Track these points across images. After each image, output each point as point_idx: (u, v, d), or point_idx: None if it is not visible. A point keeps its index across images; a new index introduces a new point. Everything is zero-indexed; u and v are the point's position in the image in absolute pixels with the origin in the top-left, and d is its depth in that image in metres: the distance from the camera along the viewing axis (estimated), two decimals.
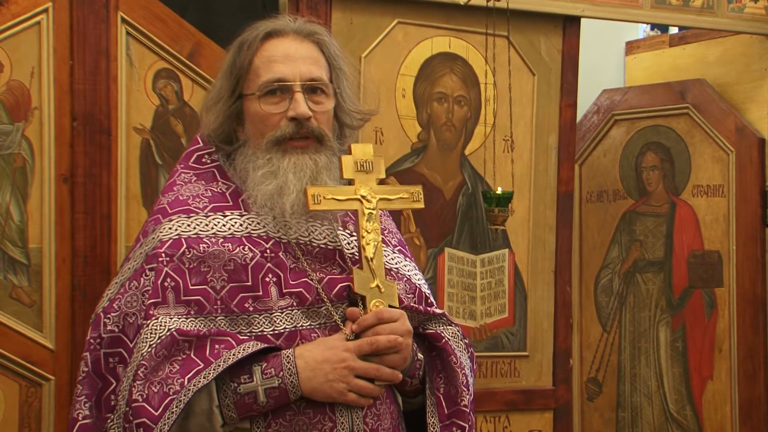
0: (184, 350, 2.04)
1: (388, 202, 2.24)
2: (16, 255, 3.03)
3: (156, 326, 2.04)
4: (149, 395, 1.99)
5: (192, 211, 2.18)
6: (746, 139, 4.23)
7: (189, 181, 2.25)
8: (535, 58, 3.74)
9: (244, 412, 2.05)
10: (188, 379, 1.99)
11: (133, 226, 3.15)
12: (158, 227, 2.17)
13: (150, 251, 2.14)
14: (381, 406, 2.17)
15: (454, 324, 2.35)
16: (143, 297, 2.10)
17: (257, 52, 2.21)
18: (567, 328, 3.89)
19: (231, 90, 2.22)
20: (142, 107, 3.18)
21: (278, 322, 2.12)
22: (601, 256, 4.52)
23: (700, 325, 4.31)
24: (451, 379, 2.26)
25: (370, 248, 2.16)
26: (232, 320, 2.10)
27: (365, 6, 3.42)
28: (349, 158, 2.21)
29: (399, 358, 2.13)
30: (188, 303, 2.09)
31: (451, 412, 2.25)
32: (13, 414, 3.02)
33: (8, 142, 3.03)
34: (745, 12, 4.10)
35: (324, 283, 2.17)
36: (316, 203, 2.13)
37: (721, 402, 4.26)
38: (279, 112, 2.17)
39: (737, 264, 4.23)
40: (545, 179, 3.79)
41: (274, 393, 2.04)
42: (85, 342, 2.15)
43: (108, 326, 2.12)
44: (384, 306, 2.14)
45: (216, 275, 2.11)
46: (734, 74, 4.34)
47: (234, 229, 2.16)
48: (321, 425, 2.08)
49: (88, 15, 3.09)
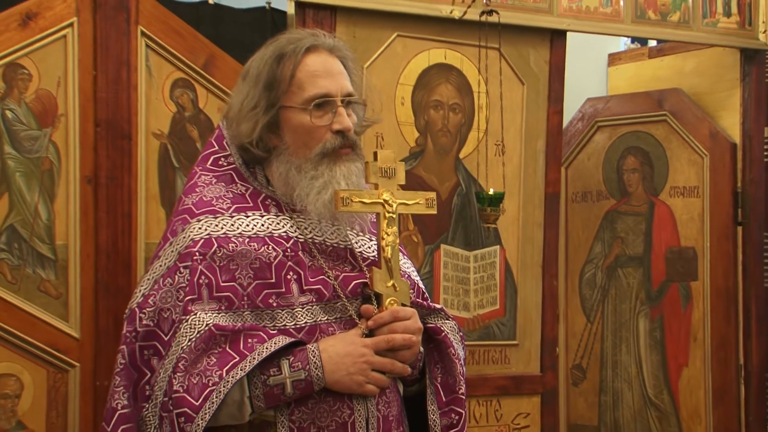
0: (220, 344, 2.03)
1: (407, 206, 2.24)
2: (44, 251, 3.02)
3: (195, 321, 2.03)
4: (189, 386, 1.98)
5: (217, 212, 2.16)
6: (719, 144, 4.21)
7: (210, 182, 2.23)
8: (524, 68, 3.72)
9: (271, 402, 2.04)
10: (226, 371, 1.99)
11: (152, 225, 3.15)
12: (187, 227, 2.14)
13: (183, 250, 2.11)
14: (390, 395, 2.18)
15: (451, 318, 2.34)
16: (179, 293, 2.08)
17: (299, 66, 2.16)
18: (553, 318, 3.88)
19: (270, 100, 2.17)
20: (160, 114, 3.17)
21: (299, 317, 2.11)
22: (585, 252, 4.51)
23: (677, 316, 4.30)
24: (449, 370, 2.26)
25: (389, 249, 2.16)
26: (258, 315, 2.09)
27: (367, 20, 3.40)
28: (375, 164, 2.19)
29: (410, 354, 2.15)
30: (219, 299, 2.07)
31: (449, 399, 2.25)
32: (42, 398, 3.01)
33: (37, 146, 3.02)
34: (718, 26, 4.09)
35: (339, 280, 2.17)
36: (345, 205, 2.12)
37: (696, 387, 4.25)
38: (324, 125, 2.15)
39: (711, 259, 4.22)
40: (534, 181, 3.78)
41: (301, 385, 2.04)
42: (120, 336, 2.13)
43: (143, 321, 2.10)
44: (398, 304, 2.15)
45: (243, 273, 2.10)
46: (708, 84, 4.33)
47: (257, 229, 2.15)
48: (340, 412, 2.09)
49: (110, 29, 3.08)
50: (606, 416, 4.45)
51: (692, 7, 4.01)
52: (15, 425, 2.98)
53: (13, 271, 2.98)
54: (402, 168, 2.24)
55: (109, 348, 3.06)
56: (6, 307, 2.96)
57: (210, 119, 3.24)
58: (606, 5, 3.82)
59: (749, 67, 4.21)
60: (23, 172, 3.00)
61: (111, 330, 3.07)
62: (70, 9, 3.04)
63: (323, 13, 3.33)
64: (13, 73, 2.99)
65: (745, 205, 4.19)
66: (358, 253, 2.23)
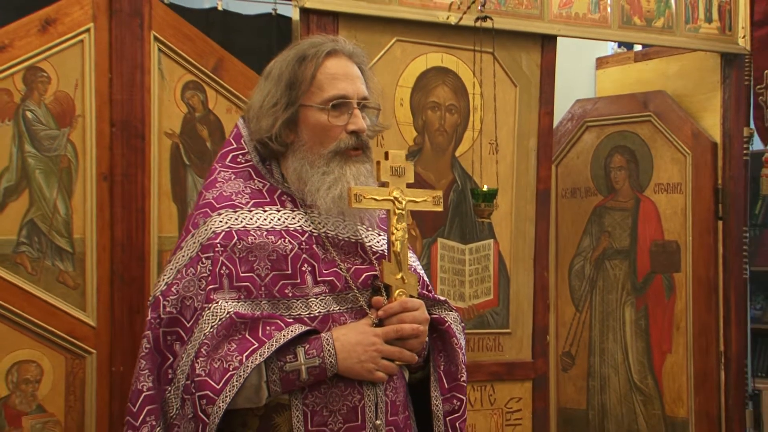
0: (240, 331, 2.03)
1: (415, 203, 2.24)
2: (63, 244, 3.02)
3: (217, 309, 2.03)
4: (211, 371, 1.99)
5: (237, 206, 2.16)
6: (701, 143, 4.22)
7: (229, 178, 2.23)
8: (517, 71, 3.72)
9: (287, 387, 2.05)
10: (246, 357, 1.99)
11: (165, 219, 3.15)
12: (209, 220, 2.14)
13: (205, 241, 2.11)
14: (397, 381, 2.19)
15: (454, 309, 2.35)
16: (201, 282, 2.08)
17: (320, 68, 2.17)
18: (544, 308, 3.89)
19: (291, 98, 2.18)
20: (172, 114, 3.17)
21: (313, 307, 2.11)
22: (574, 245, 4.51)
23: (661, 305, 4.30)
24: (452, 358, 2.27)
25: (398, 244, 2.17)
26: (274, 304, 2.09)
27: (368, 26, 3.40)
28: (386, 163, 2.19)
29: (418, 343, 2.15)
30: (239, 288, 2.08)
31: (451, 386, 2.26)
32: (60, 383, 3.02)
33: (55, 145, 3.02)
34: (700, 32, 4.09)
35: (351, 272, 2.17)
36: (357, 202, 2.12)
37: (678, 373, 4.25)
38: (340, 124, 2.16)
39: (693, 252, 4.22)
40: (526, 178, 3.78)
41: (315, 371, 2.04)
42: (145, 322, 2.14)
43: (167, 308, 2.10)
44: (406, 295, 2.15)
45: (261, 264, 2.10)
46: (691, 86, 4.34)
47: (274, 223, 2.15)
48: (351, 397, 2.10)
49: (125, 34, 3.08)
50: (594, 400, 4.46)
51: (675, 14, 4.02)
52: (35, 408, 2.98)
53: (33, 263, 2.99)
54: (411, 167, 2.24)
55: (123, 336, 3.07)
56: (26, 297, 2.96)
57: (219, 119, 3.24)
58: (594, 12, 3.82)
59: (729, 70, 4.22)
60: (43, 170, 3.00)
61: (126, 319, 3.08)
62: (87, 15, 3.04)
63: (326, 19, 3.33)
64: (33, 76, 2.99)
65: (725, 200, 4.20)
66: (369, 247, 2.23)
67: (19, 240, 2.97)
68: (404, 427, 2.19)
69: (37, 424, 2.99)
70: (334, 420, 2.08)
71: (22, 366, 2.97)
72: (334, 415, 2.08)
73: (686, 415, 4.23)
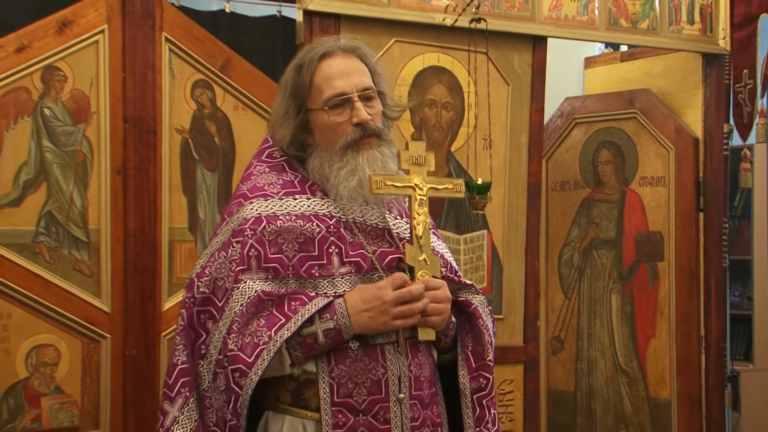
0: (267, 307, 2.06)
1: (436, 190, 2.25)
2: (79, 234, 3.03)
3: (245, 288, 2.06)
4: (242, 345, 2.01)
5: (268, 196, 2.18)
6: (683, 138, 4.21)
7: (263, 172, 2.25)
8: (509, 71, 3.72)
9: (307, 351, 2.06)
10: (274, 332, 2.02)
11: (175, 211, 3.15)
12: (241, 208, 2.17)
13: (236, 227, 2.14)
14: (422, 358, 2.18)
15: (481, 293, 2.34)
16: (231, 265, 2.10)
17: (315, 72, 2.18)
18: (535, 295, 3.89)
19: (297, 106, 2.20)
20: (182, 112, 3.17)
21: (339, 286, 2.12)
22: (563, 235, 4.51)
23: (645, 292, 4.30)
24: (478, 339, 2.26)
25: (420, 228, 2.18)
26: (301, 284, 2.11)
27: (368, 27, 3.39)
28: (407, 153, 2.20)
29: (439, 320, 2.15)
30: (267, 269, 2.09)
31: (478, 365, 2.25)
32: (77, 365, 3.03)
33: (71, 140, 3.02)
34: (683, 33, 4.09)
35: (377, 254, 2.17)
36: (378, 188, 2.13)
37: (662, 356, 4.26)
38: (344, 120, 2.16)
39: (676, 242, 4.22)
40: (518, 172, 3.77)
41: (331, 333, 2.05)
42: (181, 302, 2.17)
43: (200, 288, 2.12)
44: (429, 276, 2.15)
45: (289, 246, 2.12)
46: (674, 85, 4.33)
47: (303, 209, 2.17)
48: (375, 371, 2.10)
49: (137, 35, 3.08)
50: (582, 382, 4.46)
51: (660, 16, 4.01)
52: (53, 390, 2.99)
53: (51, 252, 2.99)
54: (432, 157, 2.25)
55: (136, 321, 3.07)
56: (45, 284, 2.97)
57: (227, 116, 3.24)
58: (582, 14, 3.82)
59: (710, 69, 4.21)
60: (59, 164, 3.00)
61: (138, 305, 3.08)
62: (102, 17, 3.04)
63: (328, 21, 3.32)
64: (51, 75, 2.99)
65: (706, 193, 4.19)
66: (396, 233, 2.24)
67: (37, 230, 2.97)
68: (430, 403, 2.19)
69: (55, 405, 2.99)
70: (358, 392, 2.09)
71: (40, 350, 2.98)
72: (359, 387, 2.09)
73: (669, 396, 4.23)
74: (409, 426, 2.12)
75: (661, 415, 4.26)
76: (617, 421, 4.36)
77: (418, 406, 2.14)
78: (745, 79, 4.16)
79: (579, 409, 4.45)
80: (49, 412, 2.99)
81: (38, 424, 2.97)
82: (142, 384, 3.08)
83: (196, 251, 3.19)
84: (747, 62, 4.16)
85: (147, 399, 3.08)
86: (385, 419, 2.09)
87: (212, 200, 3.23)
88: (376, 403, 2.09)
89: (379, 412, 2.09)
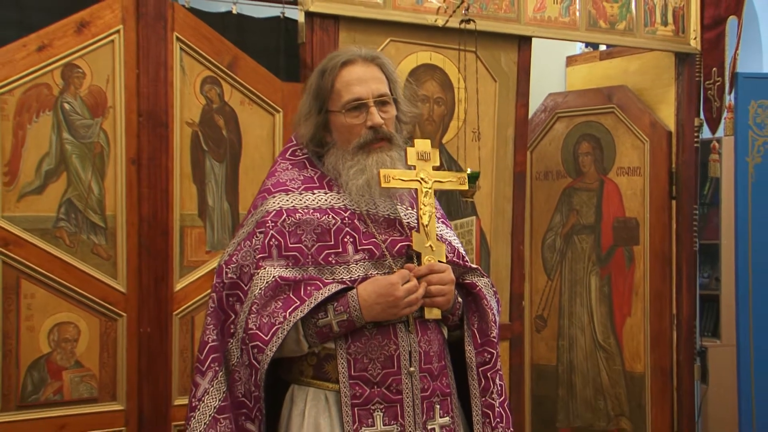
0: (284, 291, 2.10)
1: (441, 183, 2.30)
2: (96, 220, 3.02)
3: (264, 274, 2.11)
4: (261, 325, 2.07)
5: (289, 190, 2.22)
6: (658, 131, 4.22)
7: (286, 168, 2.28)
8: (496, 68, 3.72)
9: (323, 339, 2.12)
10: (289, 313, 2.07)
11: (186, 198, 3.15)
12: (265, 202, 2.21)
13: (259, 219, 2.18)
14: (431, 334, 2.21)
15: (486, 276, 2.36)
16: (254, 253, 2.15)
17: (337, 77, 2.22)
18: (520, 277, 3.90)
19: (318, 107, 2.24)
20: (192, 106, 3.16)
21: (354, 271, 2.16)
22: (546, 221, 4.51)
23: (622, 274, 4.32)
24: (483, 317, 2.28)
25: (426, 217, 2.22)
26: (320, 270, 2.15)
27: (365, 28, 3.39)
28: (413, 149, 2.25)
29: (444, 300, 2.19)
30: (287, 257, 2.14)
31: (483, 341, 2.27)
32: (95, 342, 3.02)
33: (90, 133, 3.01)
34: (657, 34, 4.10)
35: (387, 242, 2.21)
36: (386, 182, 2.18)
37: (637, 332, 4.27)
38: (359, 122, 2.20)
39: (650, 228, 4.23)
40: (504, 162, 3.78)
41: (344, 323, 2.10)
42: (212, 285, 2.21)
43: (228, 274, 2.17)
44: (434, 260, 2.19)
45: (308, 237, 2.16)
46: (649, 82, 4.33)
47: (321, 202, 2.21)
48: (387, 347, 2.14)
49: (150, 35, 3.07)
50: (563, 357, 4.48)
51: (635, 18, 4.01)
52: (74, 364, 2.99)
53: (70, 237, 2.98)
54: (436, 153, 2.29)
55: (150, 301, 3.07)
56: (65, 266, 2.97)
57: (233, 110, 3.23)
58: (564, 15, 3.82)
59: (682, 67, 4.22)
60: (78, 155, 3.00)
61: (152, 286, 3.08)
62: (117, 18, 3.03)
63: (328, 21, 3.32)
64: (70, 72, 2.98)
65: (678, 182, 4.21)
66: (406, 223, 2.27)
67: (58, 216, 2.97)
68: (439, 375, 2.22)
69: (75, 378, 3.00)
70: (373, 366, 2.13)
71: (62, 327, 2.98)
72: (373, 362, 2.13)
73: (643, 370, 4.25)
74: (420, 396, 2.16)
75: (635, 387, 4.28)
76: (596, 393, 4.38)
77: (427, 378, 2.18)
78: (714, 77, 4.17)
79: (560, 382, 4.47)
80: (69, 384, 2.99)
81: (60, 395, 2.97)
82: (156, 359, 3.08)
83: (205, 236, 3.19)
84: (716, 61, 4.16)
85: (160, 372, 3.09)
86: (398, 390, 2.14)
87: (220, 188, 3.22)
88: (389, 376, 2.14)
89: (392, 383, 2.14)
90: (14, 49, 2.90)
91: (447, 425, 2.22)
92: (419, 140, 2.28)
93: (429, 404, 2.18)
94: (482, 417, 2.25)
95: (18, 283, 2.91)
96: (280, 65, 3.50)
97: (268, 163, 3.27)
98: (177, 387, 3.13)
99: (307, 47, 3.31)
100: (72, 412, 2.98)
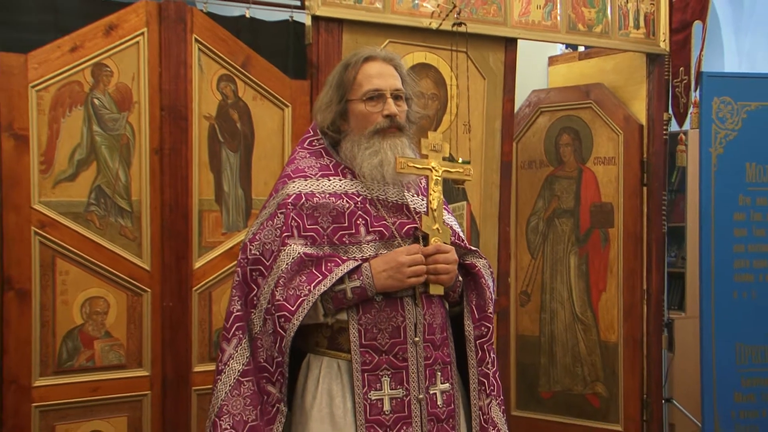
0: (308, 266, 2.11)
1: (449, 173, 2.31)
2: (123, 205, 3.02)
3: (290, 251, 2.11)
4: (287, 297, 2.08)
5: (308, 176, 2.22)
6: (631, 125, 4.21)
7: (305, 156, 2.28)
8: (485, 67, 3.71)
9: (337, 305, 2.13)
10: (313, 286, 2.08)
11: (204, 185, 3.15)
12: (285, 186, 2.22)
13: (281, 201, 2.19)
14: (435, 308, 2.23)
15: (484, 258, 2.38)
16: (277, 231, 2.15)
17: (359, 71, 2.23)
18: (507, 256, 3.90)
19: (339, 97, 2.25)
20: (209, 101, 3.16)
21: (365, 251, 2.17)
22: (530, 206, 4.51)
23: (598, 253, 4.32)
24: (481, 295, 2.30)
25: (434, 202, 2.23)
26: (335, 249, 2.16)
27: (366, 30, 3.38)
28: (427, 141, 2.26)
29: (448, 278, 2.21)
30: (305, 237, 2.14)
31: (480, 316, 2.29)
32: (123, 314, 3.03)
33: (117, 125, 3.01)
34: (630, 36, 4.09)
35: (396, 225, 2.21)
36: (402, 168, 2.19)
37: (611, 306, 4.28)
38: (377, 111, 2.21)
39: (624, 212, 4.23)
40: (492, 152, 3.78)
41: (357, 290, 2.12)
42: (237, 261, 2.22)
43: (252, 251, 2.18)
44: (440, 242, 2.21)
45: (324, 219, 2.17)
46: (623, 80, 4.33)
47: (336, 188, 2.21)
48: (395, 319, 2.16)
49: (172, 36, 3.06)
50: (545, 329, 4.49)
51: (611, 22, 4.01)
52: (104, 334, 3.00)
53: (100, 220, 2.99)
54: (447, 145, 2.31)
55: (171, 278, 3.08)
56: (96, 247, 2.97)
57: (247, 105, 3.22)
58: (547, 19, 3.81)
59: (653, 67, 4.21)
60: (107, 146, 2.99)
61: (173, 264, 3.08)
62: (142, 21, 3.02)
63: (333, 24, 3.31)
64: (99, 70, 2.97)
65: (649, 170, 4.20)
66: (413, 208, 2.27)
67: (89, 201, 2.97)
68: (441, 345, 2.23)
69: (105, 347, 3.01)
70: (381, 336, 2.15)
71: (93, 301, 2.98)
72: (382, 333, 2.15)
73: (617, 340, 4.26)
74: (423, 364, 2.18)
75: (610, 355, 4.29)
76: (574, 361, 4.39)
77: (430, 347, 2.20)
78: (681, 75, 4.16)
79: (543, 352, 4.48)
80: (100, 352, 3.00)
81: (92, 362, 2.98)
82: (177, 330, 3.09)
83: (221, 219, 3.19)
84: (683, 61, 4.15)
85: (181, 342, 3.10)
86: (404, 358, 2.16)
87: (235, 176, 3.22)
88: (396, 345, 2.15)
89: (398, 352, 2.15)
90: (49, 50, 2.90)
91: (447, 391, 2.23)
92: (432, 133, 2.29)
93: (431, 371, 2.20)
94: (478, 385, 2.27)
95: (54, 261, 2.92)
96: (289, 64, 3.49)
97: (279, 153, 3.27)
98: (197, 355, 3.14)
99: (313, 48, 3.30)
100: (103, 377, 3.00)
